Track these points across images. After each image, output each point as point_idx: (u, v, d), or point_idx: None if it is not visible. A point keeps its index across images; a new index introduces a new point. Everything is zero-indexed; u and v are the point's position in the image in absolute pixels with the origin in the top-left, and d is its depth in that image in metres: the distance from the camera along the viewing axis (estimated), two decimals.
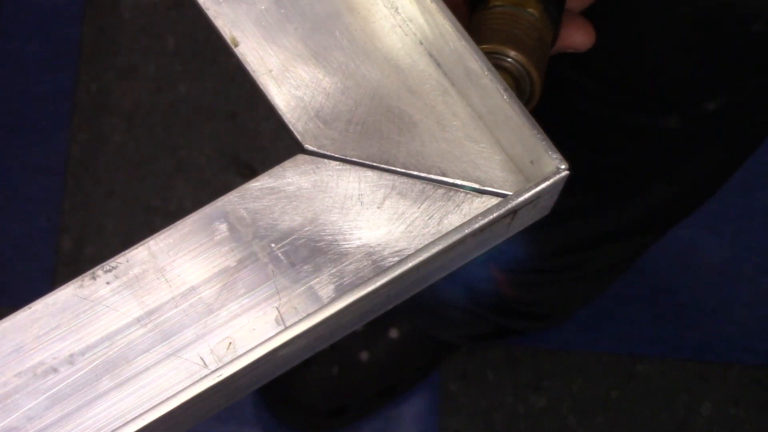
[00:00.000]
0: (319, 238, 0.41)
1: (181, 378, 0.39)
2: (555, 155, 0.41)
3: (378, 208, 0.42)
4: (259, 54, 0.44)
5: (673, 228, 1.00)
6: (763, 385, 1.31)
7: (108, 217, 1.33)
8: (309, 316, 0.39)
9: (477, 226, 0.40)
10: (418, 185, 0.42)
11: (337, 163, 0.43)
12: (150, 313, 0.40)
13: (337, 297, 0.40)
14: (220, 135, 1.36)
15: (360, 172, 0.43)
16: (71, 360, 0.39)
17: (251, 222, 0.41)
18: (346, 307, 0.39)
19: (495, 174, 0.43)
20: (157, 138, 1.35)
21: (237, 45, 0.44)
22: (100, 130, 1.36)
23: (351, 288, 0.40)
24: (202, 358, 0.39)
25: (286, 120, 0.43)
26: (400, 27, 0.45)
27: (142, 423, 0.37)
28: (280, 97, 0.43)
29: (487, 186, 0.42)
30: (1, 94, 1.36)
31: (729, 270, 1.35)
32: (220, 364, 0.39)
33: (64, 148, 1.34)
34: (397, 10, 0.45)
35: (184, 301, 0.40)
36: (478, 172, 0.43)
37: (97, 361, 0.39)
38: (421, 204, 0.42)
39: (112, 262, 0.41)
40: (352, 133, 0.43)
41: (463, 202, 0.42)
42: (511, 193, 0.42)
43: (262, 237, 0.41)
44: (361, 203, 0.42)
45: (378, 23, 0.45)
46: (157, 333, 0.40)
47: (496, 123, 0.43)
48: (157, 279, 0.40)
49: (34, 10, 1.39)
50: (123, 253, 0.41)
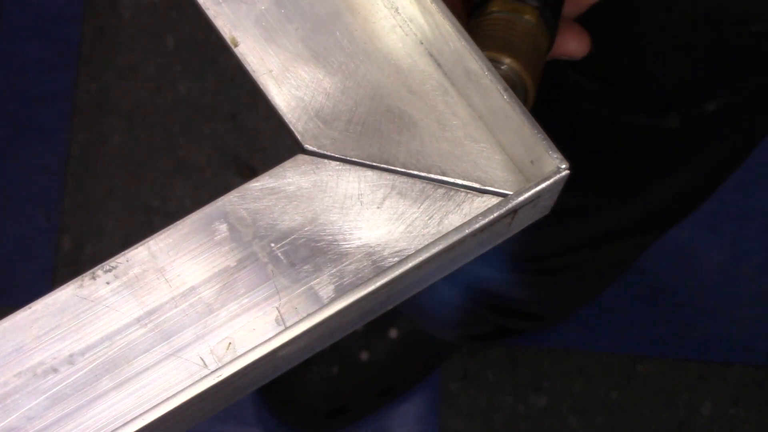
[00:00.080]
0: (319, 238, 0.41)
1: (181, 378, 0.39)
2: (555, 155, 0.41)
3: (378, 208, 0.42)
4: (259, 54, 0.44)
5: (673, 228, 1.00)
6: (763, 385, 1.31)
7: (108, 217, 1.33)
8: (309, 316, 0.39)
9: (477, 226, 0.40)
10: (418, 185, 0.42)
11: (337, 163, 0.43)
12: (150, 313, 0.40)
13: (337, 297, 0.40)
14: (220, 135, 1.36)
15: (360, 172, 0.43)
16: (71, 360, 0.39)
17: (251, 222, 0.41)
18: (346, 307, 0.39)
19: (495, 174, 0.43)
20: (157, 138, 1.35)
21: (237, 45, 0.44)
22: (100, 130, 1.36)
23: (351, 288, 0.40)
24: (202, 358, 0.39)
25: (286, 120, 0.43)
26: (401, 27, 0.45)
27: (142, 423, 0.37)
28: (280, 97, 0.43)
29: (488, 186, 0.42)
30: (1, 94, 1.36)
31: (729, 270, 1.35)
32: (220, 364, 0.39)
33: (64, 148, 1.34)
34: (397, 10, 0.45)
35: (184, 301, 0.40)
36: (479, 172, 0.43)
37: (97, 361, 0.39)
38: (421, 204, 0.42)
39: (112, 262, 0.41)
40: (352, 133, 0.43)
41: (463, 202, 0.42)
42: (511, 192, 0.42)
43: (262, 237, 0.41)
44: (361, 203, 0.42)
45: (378, 23, 0.45)
46: (157, 333, 0.40)
47: (496, 123, 0.43)
48: (157, 279, 0.40)
49: (34, 10, 1.39)
50: (123, 253, 0.41)
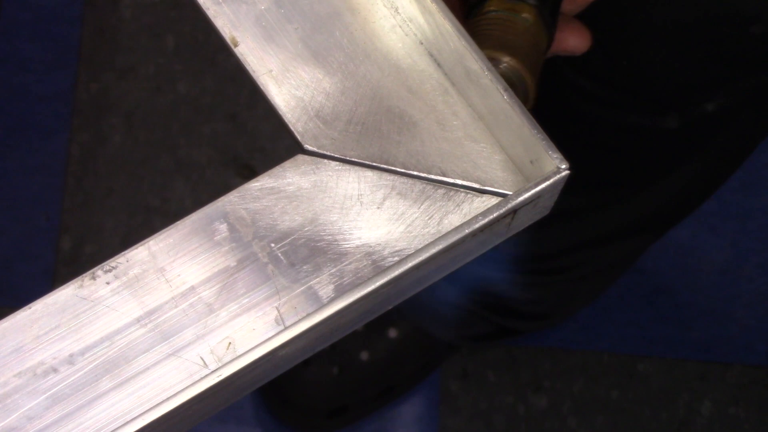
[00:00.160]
0: (318, 238, 0.41)
1: (181, 378, 0.39)
2: (555, 155, 0.41)
3: (378, 208, 0.42)
4: (259, 54, 0.44)
5: (673, 228, 1.00)
6: (763, 385, 1.31)
7: (108, 217, 1.33)
8: (309, 316, 0.39)
9: (477, 226, 0.40)
10: (418, 185, 0.42)
11: (337, 163, 0.43)
12: (150, 313, 0.40)
13: (336, 297, 0.40)
14: (220, 135, 1.36)
15: (360, 172, 0.43)
16: (71, 360, 0.39)
17: (251, 222, 0.41)
18: (346, 307, 0.39)
19: (495, 174, 0.43)
20: (157, 138, 1.35)
21: (237, 45, 0.44)
22: (100, 130, 1.36)
23: (351, 288, 0.40)
24: (202, 358, 0.39)
25: (286, 120, 0.43)
26: (400, 27, 0.45)
27: (142, 423, 0.37)
28: (280, 97, 0.43)
29: (487, 186, 0.42)
30: (1, 94, 1.36)
31: (729, 270, 1.35)
32: (220, 364, 0.39)
33: (64, 148, 1.34)
34: (397, 10, 0.45)
35: (184, 301, 0.40)
36: (478, 172, 0.43)
37: (97, 361, 0.39)
38: (421, 204, 0.42)
39: (112, 262, 0.41)
40: (352, 133, 0.43)
41: (463, 202, 0.42)
42: (511, 192, 0.42)
43: (262, 237, 0.41)
44: (361, 203, 0.42)
45: (378, 23, 0.45)
46: (157, 333, 0.40)
47: (496, 123, 0.43)
48: (157, 279, 0.40)
49: (34, 10, 1.39)
50: (123, 253, 0.41)
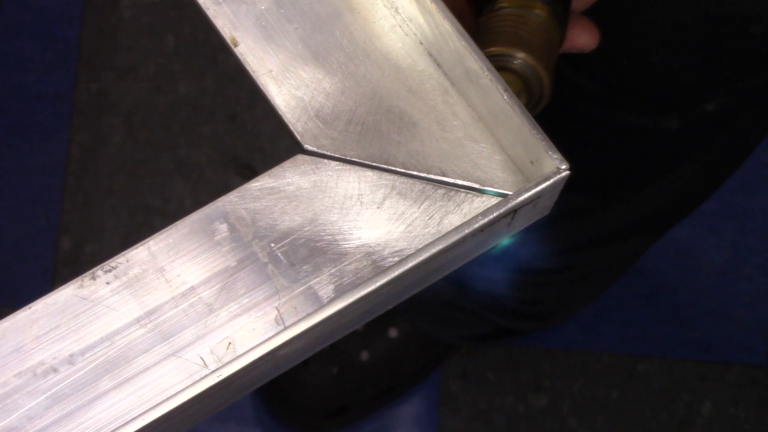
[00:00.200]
0: (318, 238, 0.41)
1: (181, 378, 0.39)
2: (555, 155, 0.41)
3: (378, 208, 0.42)
4: (259, 54, 0.44)
5: (673, 228, 1.00)
6: (763, 385, 1.31)
7: (108, 217, 1.33)
8: (309, 316, 0.39)
9: (477, 226, 0.40)
10: (418, 185, 0.42)
11: (337, 163, 0.43)
12: (150, 313, 0.40)
13: (336, 297, 0.40)
14: (220, 135, 1.36)
15: (360, 172, 0.43)
16: (71, 360, 0.39)
17: (251, 222, 0.41)
18: (346, 307, 0.39)
19: (495, 174, 0.43)
20: (157, 138, 1.35)
21: (237, 45, 0.44)
22: (100, 130, 1.36)
23: (351, 288, 0.40)
24: (202, 358, 0.39)
25: (286, 120, 0.43)
26: (400, 27, 0.45)
27: (142, 423, 0.37)
28: (280, 97, 0.43)
29: (487, 186, 0.42)
30: (1, 94, 1.36)
31: (729, 270, 1.35)
32: (220, 364, 0.39)
33: (64, 148, 1.34)
34: (397, 10, 0.45)
35: (184, 301, 0.40)
36: (478, 172, 0.43)
37: (97, 361, 0.39)
38: (421, 204, 0.42)
39: (112, 262, 0.41)
40: (352, 133, 0.43)
41: (463, 202, 0.42)
42: (511, 193, 0.42)
43: (261, 237, 0.41)
44: (361, 203, 0.42)
45: (378, 23, 0.45)
46: (157, 333, 0.40)
47: (496, 123, 0.43)
48: (157, 279, 0.40)
49: (34, 10, 1.39)
50: (123, 253, 0.41)
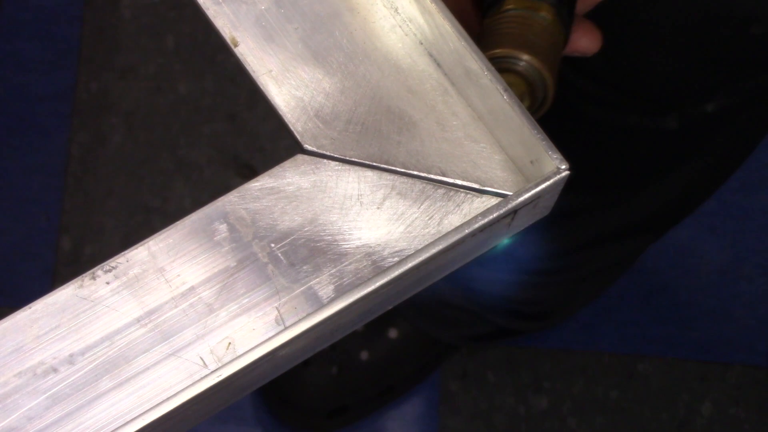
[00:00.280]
0: (318, 238, 0.41)
1: (181, 378, 0.39)
2: (555, 155, 0.41)
3: (378, 209, 0.42)
4: (259, 54, 0.44)
5: (673, 228, 1.00)
6: (763, 385, 1.31)
7: (108, 217, 1.33)
8: (309, 316, 0.39)
9: (477, 226, 0.40)
10: (418, 185, 0.42)
11: (337, 163, 0.43)
12: (150, 313, 0.40)
13: (336, 297, 0.40)
14: (220, 135, 1.36)
15: (359, 172, 0.43)
16: (71, 360, 0.39)
17: (251, 222, 0.41)
18: (346, 307, 0.39)
19: (495, 174, 0.43)
20: (157, 138, 1.35)
21: (237, 45, 0.44)
22: (100, 130, 1.36)
23: (351, 288, 0.40)
24: (202, 358, 0.39)
25: (286, 120, 0.43)
26: (400, 27, 0.45)
27: (142, 423, 0.37)
28: (280, 97, 0.43)
29: (487, 186, 0.42)
30: (1, 94, 1.36)
31: (729, 270, 1.35)
32: (220, 364, 0.39)
33: (64, 148, 1.34)
34: (396, 10, 0.45)
35: (183, 301, 0.40)
36: (478, 172, 0.43)
37: (97, 361, 0.39)
38: (421, 204, 0.42)
39: (112, 262, 0.41)
40: (352, 133, 0.43)
41: (463, 202, 0.42)
42: (511, 193, 0.42)
43: (261, 237, 0.41)
44: (361, 203, 0.42)
45: (378, 23, 0.45)
46: (157, 333, 0.40)
47: (496, 123, 0.43)
48: (157, 279, 0.40)
49: (34, 10, 1.39)
50: (123, 253, 0.41)
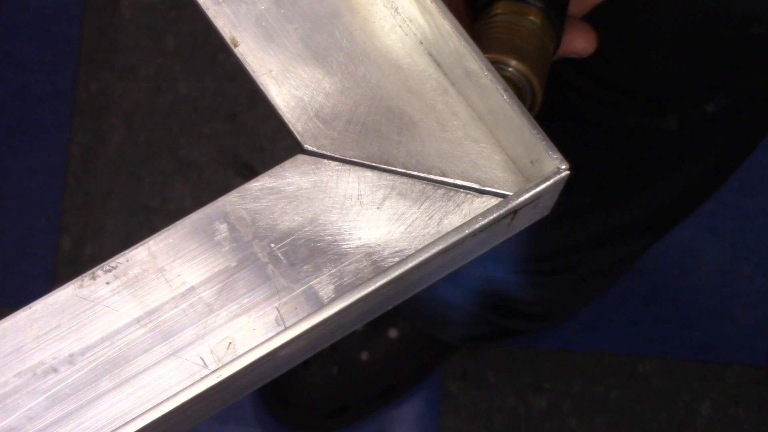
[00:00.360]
0: (318, 238, 0.41)
1: (181, 378, 0.39)
2: (555, 155, 0.41)
3: (378, 209, 0.42)
4: (259, 54, 0.44)
5: (673, 228, 1.00)
6: (763, 385, 1.31)
7: (108, 217, 1.33)
8: (309, 316, 0.39)
9: (477, 226, 0.40)
10: (418, 185, 0.42)
11: (337, 163, 0.43)
12: (150, 313, 0.40)
13: (336, 297, 0.40)
14: (220, 135, 1.36)
15: (359, 172, 0.43)
16: (71, 360, 0.39)
17: (251, 222, 0.41)
18: (346, 307, 0.39)
19: (495, 174, 0.43)
20: (157, 138, 1.35)
21: (237, 45, 0.44)
22: (100, 130, 1.35)
23: (351, 288, 0.40)
24: (202, 358, 0.39)
25: (286, 120, 0.43)
26: (400, 27, 0.45)
27: (142, 423, 0.37)
28: (280, 97, 0.43)
29: (487, 186, 0.42)
30: (1, 94, 1.36)
31: (729, 270, 1.35)
32: (220, 364, 0.39)
33: (64, 148, 1.34)
34: (396, 10, 0.45)
35: (184, 301, 0.40)
36: (478, 173, 0.43)
37: (97, 361, 0.39)
38: (421, 204, 0.42)
39: (112, 262, 0.41)
40: (352, 133, 0.43)
41: (463, 203, 0.42)
42: (511, 193, 0.42)
43: (262, 237, 0.41)
44: (361, 203, 0.42)
45: (378, 23, 0.45)
46: (157, 333, 0.40)
47: (496, 123, 0.43)
48: (157, 279, 0.40)
49: (34, 10, 1.39)
50: (123, 253, 0.41)
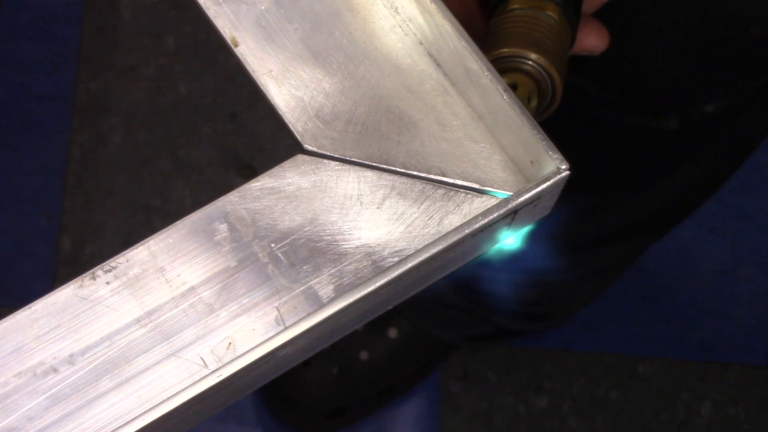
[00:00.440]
0: (318, 238, 0.41)
1: (181, 378, 0.39)
2: (555, 155, 0.41)
3: (378, 209, 0.42)
4: (259, 54, 0.44)
5: (674, 228, 1.00)
6: (763, 385, 1.31)
7: (108, 217, 1.33)
8: (309, 316, 0.39)
9: (477, 226, 0.40)
10: (418, 185, 0.42)
11: (337, 163, 0.43)
12: (150, 313, 0.40)
13: (336, 297, 0.40)
14: (220, 135, 1.36)
15: (359, 172, 0.43)
16: (71, 360, 0.39)
17: (251, 222, 0.41)
18: (346, 307, 0.39)
19: (495, 174, 0.43)
20: (157, 138, 1.35)
21: (237, 45, 0.44)
22: (100, 130, 1.36)
23: (351, 288, 0.40)
24: (202, 358, 0.39)
25: (286, 120, 0.43)
26: (400, 27, 0.45)
27: (142, 423, 0.37)
28: (280, 97, 0.43)
29: (487, 186, 0.42)
30: (1, 94, 1.36)
31: (729, 270, 1.35)
32: (220, 364, 0.39)
33: (64, 148, 1.34)
34: (396, 10, 0.45)
35: (184, 301, 0.40)
36: (478, 172, 0.43)
37: (97, 361, 0.39)
38: (421, 204, 0.42)
39: (112, 262, 0.41)
40: (352, 133, 0.43)
41: (463, 202, 0.42)
42: (511, 193, 0.42)
43: (262, 237, 0.41)
44: (361, 203, 0.42)
45: (378, 23, 0.45)
46: (157, 333, 0.40)
47: (496, 123, 0.43)
48: (157, 279, 0.40)
49: (34, 10, 1.39)
50: (123, 253, 0.41)
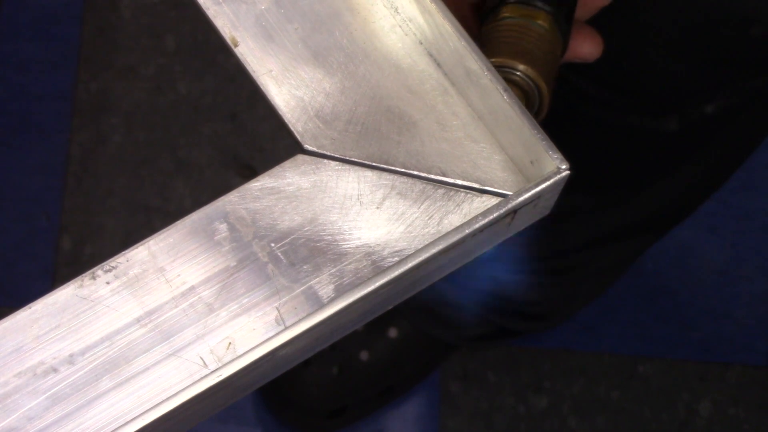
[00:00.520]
0: (318, 238, 0.41)
1: (181, 378, 0.39)
2: (555, 155, 0.41)
3: (377, 208, 0.42)
4: (259, 54, 0.44)
5: (674, 228, 1.00)
6: (763, 385, 1.31)
7: (108, 217, 1.33)
8: (309, 316, 0.39)
9: (477, 226, 0.40)
10: (418, 185, 0.42)
11: (337, 163, 0.43)
12: (150, 313, 0.40)
13: (336, 297, 0.40)
14: (220, 135, 1.36)
15: (359, 172, 0.43)
16: (71, 360, 0.39)
17: (251, 222, 0.41)
18: (346, 307, 0.39)
19: (495, 174, 0.43)
20: (157, 138, 1.35)
21: (237, 45, 0.44)
22: (100, 130, 1.36)
23: (351, 288, 0.40)
24: (202, 358, 0.39)
25: (286, 120, 0.43)
26: (400, 27, 0.45)
27: (142, 423, 0.37)
28: (280, 97, 0.43)
29: (487, 186, 0.42)
30: (1, 94, 1.36)
31: (729, 270, 1.35)
32: (220, 364, 0.39)
33: (64, 148, 1.34)
34: (396, 10, 0.45)
35: (184, 301, 0.40)
36: (478, 172, 0.43)
37: (97, 361, 0.39)
38: (421, 204, 0.42)
39: (112, 262, 0.41)
40: (352, 133, 0.43)
41: (463, 202, 0.42)
42: (511, 193, 0.42)
43: (262, 237, 0.41)
44: (361, 203, 0.42)
45: (378, 23, 0.45)
46: (157, 333, 0.40)
47: (496, 123, 0.43)
48: (157, 279, 0.40)
49: (34, 10, 1.39)
50: (123, 253, 0.41)
